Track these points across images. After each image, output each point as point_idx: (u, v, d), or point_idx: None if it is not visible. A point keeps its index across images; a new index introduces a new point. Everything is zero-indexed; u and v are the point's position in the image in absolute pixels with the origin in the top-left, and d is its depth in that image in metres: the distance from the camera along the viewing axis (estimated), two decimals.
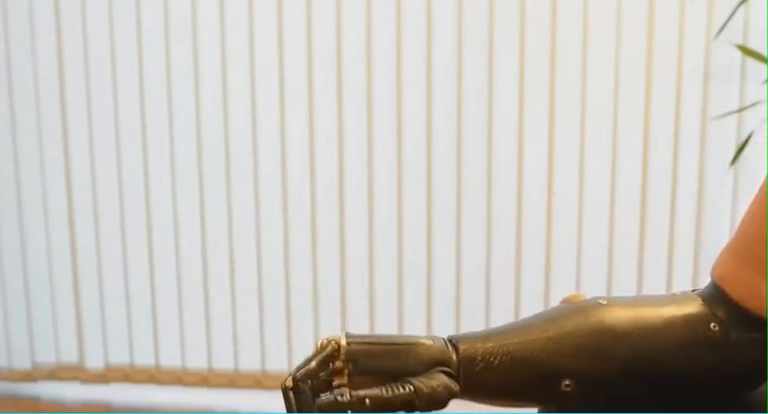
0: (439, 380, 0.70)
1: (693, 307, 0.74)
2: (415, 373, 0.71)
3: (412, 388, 0.69)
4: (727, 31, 2.04)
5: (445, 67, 2.26)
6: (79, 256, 2.48)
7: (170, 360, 2.49)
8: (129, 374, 2.51)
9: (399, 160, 2.31)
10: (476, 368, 0.73)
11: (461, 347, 0.73)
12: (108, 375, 2.52)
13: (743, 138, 2.09)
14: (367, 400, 0.68)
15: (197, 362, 2.48)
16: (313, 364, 0.71)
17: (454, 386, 0.71)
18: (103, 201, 2.44)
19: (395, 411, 0.69)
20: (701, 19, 2.15)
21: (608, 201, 2.27)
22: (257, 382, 2.46)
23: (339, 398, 0.69)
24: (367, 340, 0.73)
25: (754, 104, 2.09)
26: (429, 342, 0.73)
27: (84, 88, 2.39)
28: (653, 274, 2.28)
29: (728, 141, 2.21)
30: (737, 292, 0.73)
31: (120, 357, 2.51)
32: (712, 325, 0.73)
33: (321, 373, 0.71)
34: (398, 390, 0.69)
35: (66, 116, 2.42)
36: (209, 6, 2.31)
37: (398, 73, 2.27)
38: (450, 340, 0.74)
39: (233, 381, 2.47)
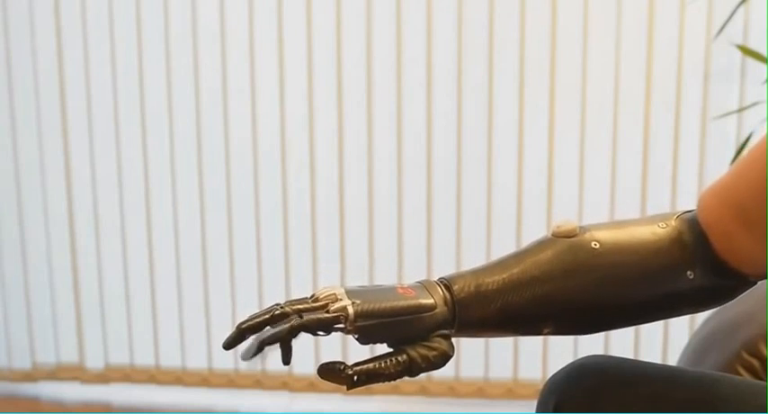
0: (437, 348, 0.75)
1: (678, 252, 0.80)
2: (417, 339, 0.75)
3: (407, 358, 0.73)
4: (727, 31, 2.03)
5: (445, 67, 2.26)
6: (79, 256, 2.48)
7: (170, 360, 2.49)
8: (129, 374, 2.51)
9: (399, 160, 2.31)
10: (469, 316, 0.78)
11: (455, 290, 0.78)
12: (108, 375, 2.52)
13: (743, 138, 2.09)
14: (363, 377, 0.72)
15: (197, 362, 2.48)
16: (318, 332, 0.73)
17: (451, 351, 0.76)
18: (103, 201, 2.44)
19: (390, 380, 0.73)
20: (701, 19, 2.15)
21: (608, 200, 2.27)
22: (257, 382, 2.46)
23: (341, 369, 0.72)
24: (375, 312, 0.75)
25: (754, 104, 2.09)
26: (430, 302, 0.77)
27: (84, 88, 2.39)
28: None
29: (728, 141, 2.21)
30: (719, 244, 0.79)
31: (120, 357, 2.51)
32: (689, 273, 0.79)
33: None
34: (393, 361, 0.73)
35: (66, 116, 2.41)
36: (209, 6, 2.31)
37: (398, 73, 2.27)
38: (444, 283, 0.79)
39: (233, 381, 2.47)
